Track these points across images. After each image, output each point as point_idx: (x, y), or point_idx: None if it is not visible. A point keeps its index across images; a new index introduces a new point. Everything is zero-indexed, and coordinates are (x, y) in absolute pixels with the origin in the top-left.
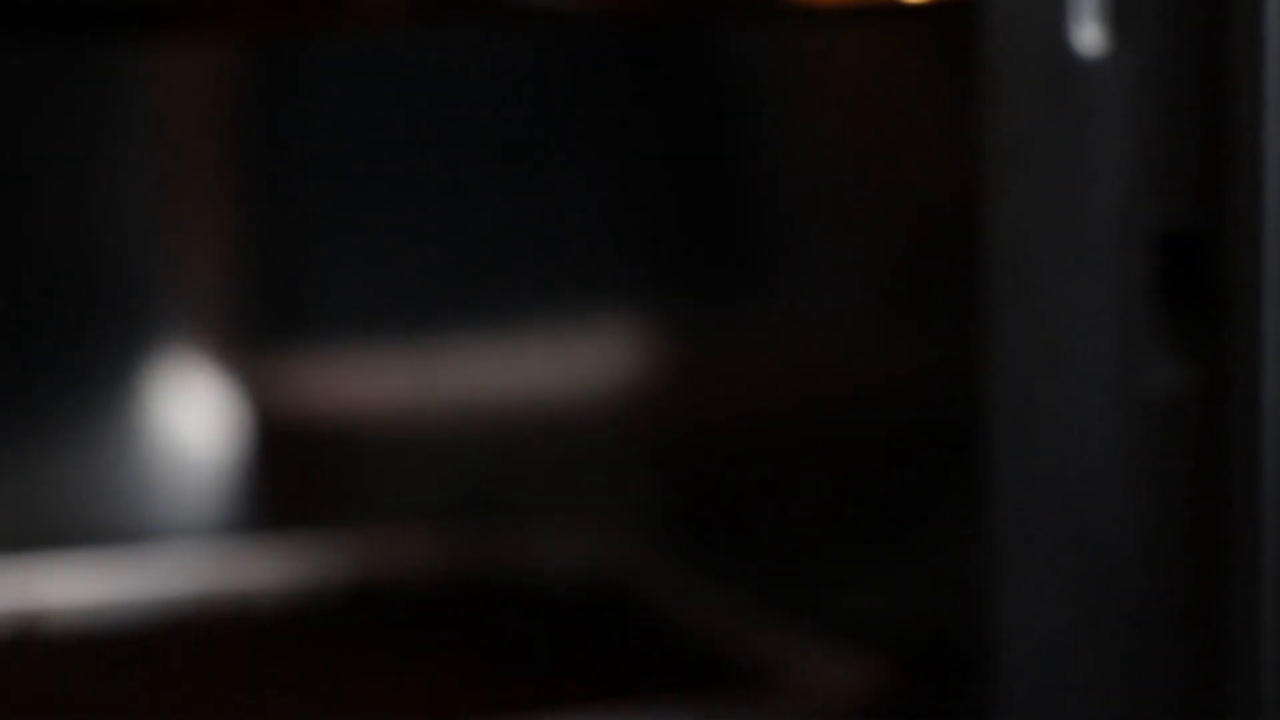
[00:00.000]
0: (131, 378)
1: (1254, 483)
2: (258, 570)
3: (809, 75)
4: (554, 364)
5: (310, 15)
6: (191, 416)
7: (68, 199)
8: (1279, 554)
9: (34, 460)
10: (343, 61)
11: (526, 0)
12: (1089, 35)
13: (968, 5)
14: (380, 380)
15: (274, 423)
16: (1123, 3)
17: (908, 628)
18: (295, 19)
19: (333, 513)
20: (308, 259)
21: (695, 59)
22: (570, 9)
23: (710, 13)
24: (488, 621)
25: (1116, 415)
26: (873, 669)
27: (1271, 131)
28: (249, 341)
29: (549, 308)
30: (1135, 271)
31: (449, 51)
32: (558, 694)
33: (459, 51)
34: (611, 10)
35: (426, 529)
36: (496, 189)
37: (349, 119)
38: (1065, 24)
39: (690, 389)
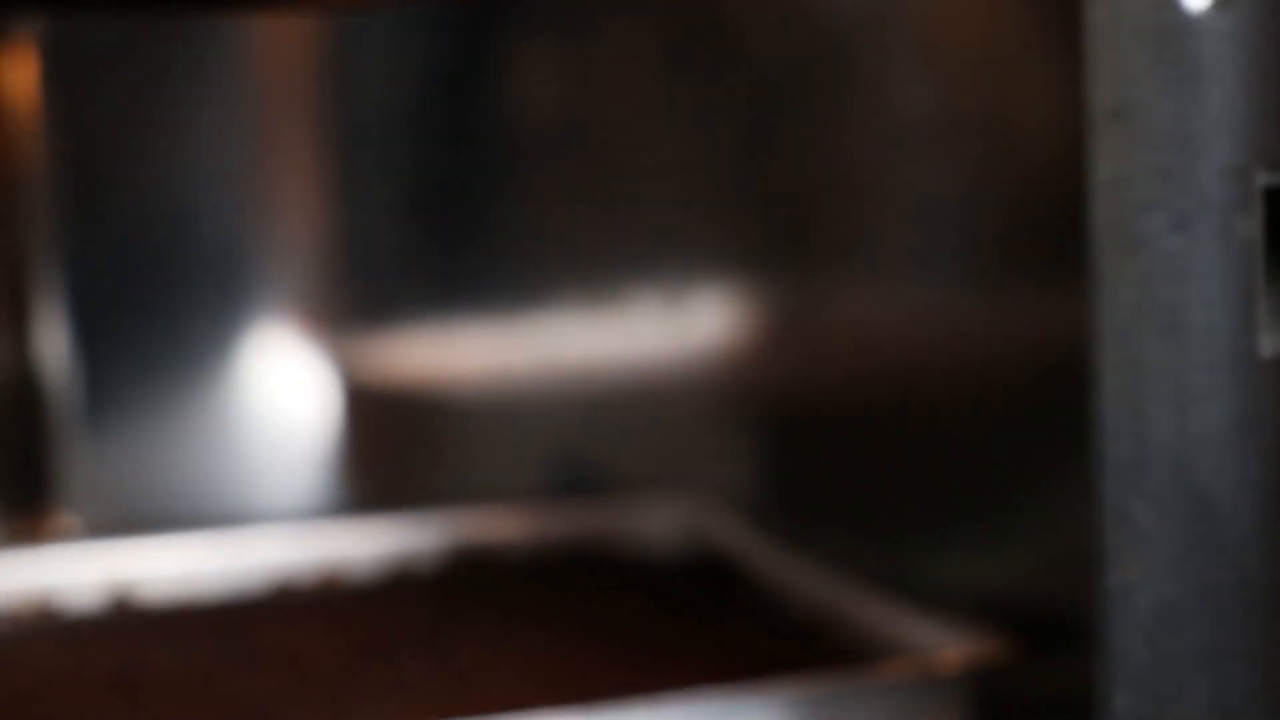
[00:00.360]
0: (226, 357)
1: None
2: (355, 546)
3: (914, 34)
4: (655, 335)
5: None
6: (287, 395)
7: (158, 175)
8: None
9: (129, 438)
10: (429, 33)
11: None
12: None
13: None
14: (478, 354)
15: (370, 398)
16: None
17: (1017, 597)
18: None
19: (433, 488)
20: (401, 233)
21: (780, 24)
22: None
23: None
24: (590, 593)
25: (1229, 376)
26: (981, 640)
27: None
28: (344, 320)
29: (648, 279)
30: (1245, 229)
31: (539, 24)
32: (663, 666)
33: (550, 24)
34: None
35: (527, 503)
36: (591, 160)
37: (444, 90)
38: None
39: (793, 358)
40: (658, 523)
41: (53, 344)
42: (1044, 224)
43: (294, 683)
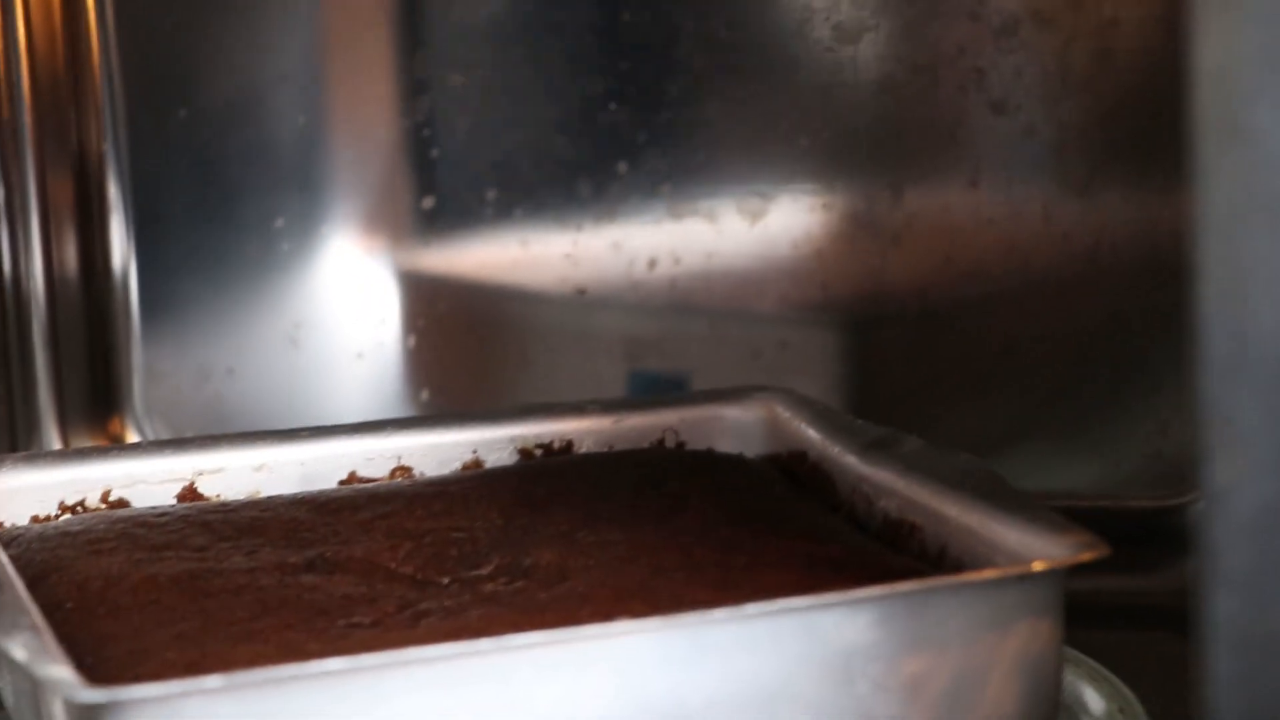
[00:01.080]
0: (296, 265)
1: None
2: (429, 451)
3: None
4: (737, 240)
5: None
6: (358, 302)
7: (226, 78)
8: None
9: (195, 347)
10: None
11: None
12: None
13: None
14: (556, 262)
15: (444, 307)
16: None
17: (1109, 500)
18: None
19: (508, 395)
20: (476, 138)
21: None
22: None
23: None
24: (668, 498)
25: None
26: (1073, 543)
27: None
28: (416, 227)
29: (731, 181)
30: None
31: None
32: (746, 567)
33: None
34: None
35: (605, 408)
36: (671, 62)
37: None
38: None
39: (877, 261)
40: (738, 427)
41: (119, 251)
42: (1138, 121)
43: (367, 587)
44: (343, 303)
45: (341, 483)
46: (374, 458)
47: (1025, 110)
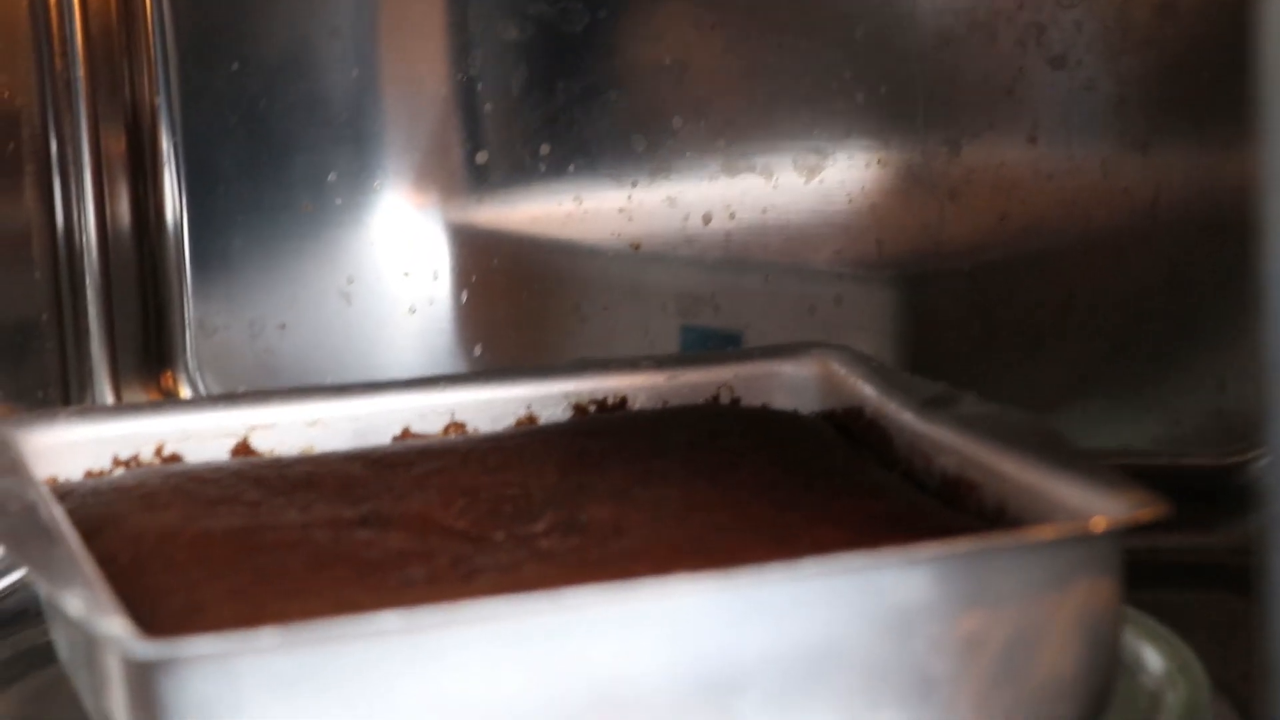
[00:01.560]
0: (347, 221)
1: None
2: (482, 406)
3: None
4: (792, 196)
5: None
6: (409, 258)
7: (275, 34)
8: None
9: (246, 303)
10: None
11: None
12: None
13: None
14: (611, 218)
15: (498, 263)
16: None
17: (1175, 458)
18: None
19: (562, 351)
20: (530, 93)
21: None
22: None
23: None
24: (723, 453)
25: None
26: (1138, 501)
27: None
28: (470, 183)
29: (787, 137)
30: None
31: None
32: (801, 524)
33: None
34: None
35: (659, 363)
36: (728, 18)
37: None
38: None
39: (935, 216)
40: (793, 383)
41: (171, 205)
42: (1199, 76)
43: (421, 543)
44: (395, 258)
45: (395, 438)
46: (428, 413)
47: (1085, 65)
